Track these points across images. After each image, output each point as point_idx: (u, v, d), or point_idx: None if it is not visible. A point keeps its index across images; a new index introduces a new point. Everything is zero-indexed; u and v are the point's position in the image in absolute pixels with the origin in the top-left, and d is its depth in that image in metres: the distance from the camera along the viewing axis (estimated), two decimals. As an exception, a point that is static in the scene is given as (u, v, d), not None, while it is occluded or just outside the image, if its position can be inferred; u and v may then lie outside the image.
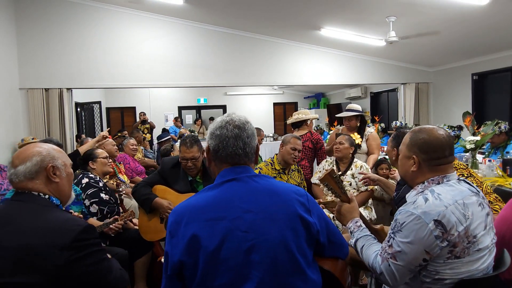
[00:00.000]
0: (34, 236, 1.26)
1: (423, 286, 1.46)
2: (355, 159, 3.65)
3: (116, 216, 2.80)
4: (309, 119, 4.49)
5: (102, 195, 3.07)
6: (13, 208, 1.38)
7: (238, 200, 1.28)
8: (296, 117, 4.48)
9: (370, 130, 4.31)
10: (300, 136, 3.95)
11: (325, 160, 3.87)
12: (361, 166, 3.58)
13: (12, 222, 1.32)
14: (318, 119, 7.33)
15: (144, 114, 10.35)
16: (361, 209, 3.37)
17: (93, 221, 2.88)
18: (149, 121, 10.17)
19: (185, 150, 2.81)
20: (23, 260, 1.23)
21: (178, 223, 1.27)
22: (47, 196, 1.42)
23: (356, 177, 3.52)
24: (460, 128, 6.03)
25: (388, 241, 1.47)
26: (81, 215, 2.62)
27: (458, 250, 1.38)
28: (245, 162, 1.35)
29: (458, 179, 1.53)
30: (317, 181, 3.61)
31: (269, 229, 1.24)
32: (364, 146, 4.22)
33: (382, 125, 7.46)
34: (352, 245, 1.67)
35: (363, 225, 1.69)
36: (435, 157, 1.50)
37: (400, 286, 1.49)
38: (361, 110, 4.34)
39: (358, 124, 4.26)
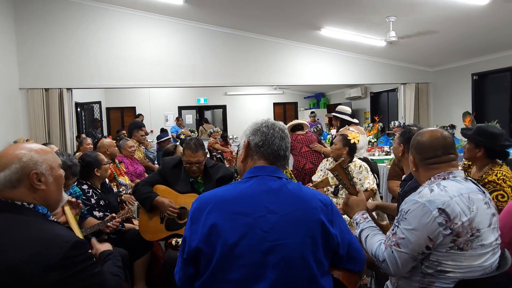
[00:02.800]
0: (18, 253, 1.13)
1: (424, 279, 1.46)
2: (354, 159, 3.66)
3: (113, 214, 2.74)
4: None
5: (96, 213, 2.92)
6: None
7: (264, 199, 1.28)
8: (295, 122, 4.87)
9: (342, 129, 4.34)
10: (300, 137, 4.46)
11: (325, 159, 3.89)
12: (360, 166, 3.58)
13: None
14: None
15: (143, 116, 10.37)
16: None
17: (91, 220, 2.85)
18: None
19: (190, 154, 2.79)
20: (7, 280, 1.12)
21: (201, 210, 1.28)
22: (32, 206, 1.28)
23: (355, 176, 3.53)
24: (452, 127, 6.06)
25: (393, 229, 1.50)
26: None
27: (461, 241, 1.40)
28: (280, 164, 1.39)
29: (466, 178, 1.57)
30: (317, 179, 3.63)
31: (289, 233, 1.24)
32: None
33: (381, 124, 7.47)
34: (356, 236, 1.68)
35: (369, 218, 1.71)
36: (427, 157, 1.57)
37: (402, 274, 1.50)
38: (348, 113, 4.44)
39: (339, 124, 4.42)
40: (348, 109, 4.52)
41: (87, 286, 1.23)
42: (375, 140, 6.65)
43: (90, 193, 3.00)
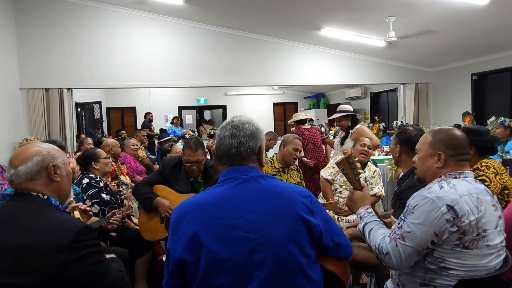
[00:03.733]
0: (31, 237, 1.25)
1: (426, 275, 1.47)
2: (368, 163, 3.62)
3: (115, 211, 2.76)
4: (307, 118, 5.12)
5: (103, 195, 3.04)
6: (11, 208, 1.37)
7: (241, 199, 1.28)
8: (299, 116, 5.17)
9: (357, 126, 4.26)
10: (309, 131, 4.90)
11: (337, 155, 3.87)
12: (374, 171, 3.58)
13: (9, 223, 1.31)
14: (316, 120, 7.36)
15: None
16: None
17: (92, 217, 2.86)
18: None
19: (190, 153, 2.80)
20: (20, 261, 1.22)
21: (180, 220, 1.28)
22: (46, 197, 1.40)
23: (368, 180, 3.53)
24: (458, 126, 6.07)
25: (399, 223, 1.50)
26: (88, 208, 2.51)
27: (467, 239, 1.40)
28: (241, 162, 1.34)
29: (475, 179, 1.58)
30: (329, 177, 3.57)
31: (272, 230, 1.24)
32: (348, 143, 4.23)
33: (383, 124, 7.47)
34: (360, 229, 1.69)
35: (373, 212, 1.71)
36: (460, 153, 1.58)
37: (404, 268, 1.50)
38: (351, 110, 4.40)
39: (349, 123, 4.31)
40: (350, 107, 4.52)
41: (91, 273, 1.30)
42: (375, 140, 6.64)
43: (99, 178, 3.14)
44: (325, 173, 3.64)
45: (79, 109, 8.53)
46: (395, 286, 1.62)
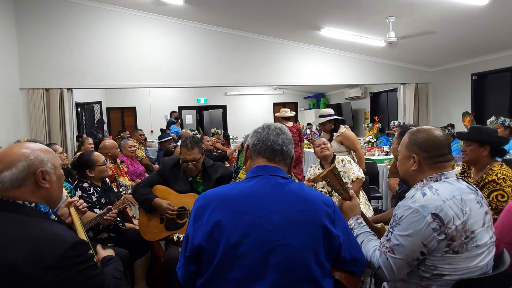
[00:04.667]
0: (17, 253, 1.13)
1: (422, 282, 1.46)
2: (336, 156, 3.69)
3: (109, 206, 2.71)
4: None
5: (97, 210, 2.91)
6: None
7: (267, 198, 1.29)
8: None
9: (341, 130, 4.54)
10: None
11: (309, 167, 3.89)
12: (342, 160, 3.61)
13: None
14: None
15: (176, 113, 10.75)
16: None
17: (88, 214, 2.81)
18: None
19: (186, 152, 2.81)
20: (5, 279, 1.12)
21: (204, 208, 1.29)
22: (33, 205, 1.28)
23: (341, 170, 3.53)
24: (452, 126, 6.10)
25: (387, 236, 1.49)
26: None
27: (456, 244, 1.40)
28: (280, 161, 1.39)
29: (457, 177, 1.55)
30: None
31: (292, 234, 1.24)
32: (334, 145, 4.44)
33: (379, 125, 7.48)
34: None
35: (364, 223, 1.70)
36: (435, 155, 1.53)
37: (398, 280, 1.50)
38: (332, 113, 4.62)
39: (333, 126, 4.56)
40: (331, 110, 4.72)
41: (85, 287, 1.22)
42: (375, 140, 6.66)
43: (91, 191, 3.00)
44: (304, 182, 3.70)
45: (79, 109, 8.54)
46: None
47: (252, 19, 6.57)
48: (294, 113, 6.53)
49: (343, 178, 3.36)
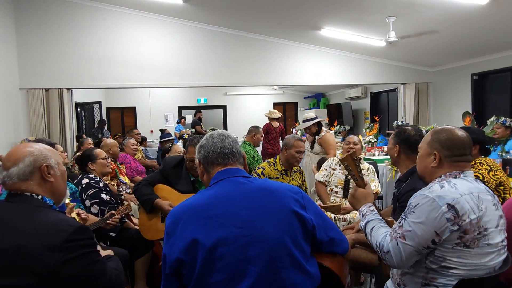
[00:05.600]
0: (26, 237, 1.23)
1: (427, 275, 1.47)
2: (362, 161, 3.66)
3: (113, 211, 2.74)
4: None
5: (103, 195, 3.03)
6: (5, 210, 1.34)
7: (233, 198, 1.31)
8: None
9: (322, 133, 4.80)
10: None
11: (331, 159, 3.89)
12: (368, 168, 3.60)
13: (3, 224, 1.29)
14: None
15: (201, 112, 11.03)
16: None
17: (91, 218, 2.85)
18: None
19: (193, 151, 2.79)
20: (15, 262, 1.20)
21: (175, 224, 1.30)
22: (40, 197, 1.38)
23: (363, 168, 3.59)
24: None
25: (399, 222, 1.50)
26: (83, 212, 2.53)
27: (468, 238, 1.41)
28: (234, 163, 1.43)
29: (476, 179, 1.58)
30: (322, 179, 3.67)
31: (265, 225, 1.27)
32: (317, 147, 4.81)
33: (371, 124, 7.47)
34: (362, 227, 1.69)
35: (376, 210, 1.72)
36: (457, 154, 1.56)
37: (405, 267, 1.51)
38: (314, 116, 4.88)
39: (317, 128, 4.82)
40: (313, 114, 5.01)
41: (87, 273, 1.28)
42: (375, 140, 6.64)
43: (98, 178, 3.14)
44: (319, 175, 3.75)
45: (79, 109, 8.53)
46: (396, 286, 1.62)
47: (252, 19, 6.57)
48: (281, 114, 7.32)
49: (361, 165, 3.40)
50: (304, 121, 4.90)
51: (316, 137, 4.82)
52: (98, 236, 2.93)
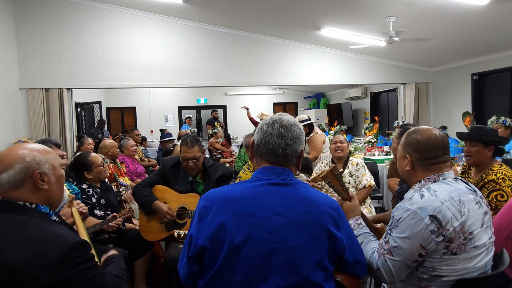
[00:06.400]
0: (18, 253, 1.14)
1: (420, 283, 1.46)
2: (350, 157, 3.67)
3: (115, 214, 2.73)
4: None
5: (96, 212, 2.92)
6: None
7: (271, 200, 1.27)
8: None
9: (311, 134, 4.86)
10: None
11: (320, 162, 3.91)
12: (357, 164, 3.60)
13: None
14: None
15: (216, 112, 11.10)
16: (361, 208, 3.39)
17: (92, 219, 2.84)
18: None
19: (186, 150, 2.81)
20: (7, 280, 1.12)
21: (208, 209, 1.27)
22: (34, 206, 1.28)
23: (354, 174, 3.58)
24: (444, 128, 6.12)
25: (385, 237, 1.48)
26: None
27: (454, 245, 1.39)
28: (284, 164, 1.35)
29: (455, 178, 1.54)
30: (316, 184, 3.63)
31: (295, 237, 1.23)
32: (306, 147, 4.81)
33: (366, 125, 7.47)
34: None
35: (363, 223, 1.70)
36: (428, 157, 1.52)
37: (397, 282, 1.49)
38: (307, 118, 4.96)
39: (308, 130, 4.85)
40: (305, 116, 5.09)
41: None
42: (375, 140, 6.65)
43: (91, 192, 3.00)
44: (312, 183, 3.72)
45: (79, 109, 8.53)
46: None
47: (252, 19, 6.57)
48: (269, 114, 7.77)
49: (343, 179, 3.38)
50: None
51: (306, 138, 4.89)
52: (98, 236, 2.93)
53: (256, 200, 1.27)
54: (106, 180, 3.33)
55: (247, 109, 8.17)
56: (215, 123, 9.58)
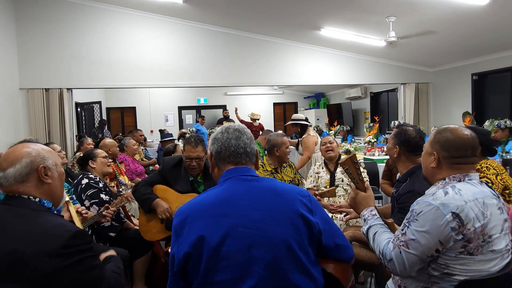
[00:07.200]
0: (22, 242, 1.20)
1: (430, 280, 1.45)
2: (342, 157, 3.69)
3: (107, 204, 2.71)
4: None
5: (102, 195, 3.02)
6: (2, 213, 1.31)
7: (241, 198, 1.31)
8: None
9: (304, 135, 4.96)
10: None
11: (313, 164, 3.92)
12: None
13: (0, 227, 1.26)
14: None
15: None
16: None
17: (88, 213, 2.83)
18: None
19: (190, 149, 2.80)
20: (11, 267, 1.17)
21: (182, 222, 1.30)
22: (37, 200, 1.35)
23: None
24: None
25: (402, 229, 1.47)
26: (83, 209, 2.50)
27: (472, 246, 1.39)
28: (247, 162, 1.42)
29: (481, 181, 1.54)
30: (310, 185, 3.65)
31: (271, 227, 1.26)
32: (300, 148, 5.00)
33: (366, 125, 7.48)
34: (364, 232, 1.68)
35: (378, 215, 1.69)
36: (456, 156, 1.52)
37: (408, 275, 1.49)
38: (303, 118, 5.10)
39: (299, 130, 5.02)
40: (302, 116, 5.19)
41: (85, 279, 1.25)
42: (375, 140, 6.65)
43: (98, 179, 3.13)
44: (307, 184, 3.75)
45: (79, 109, 8.53)
46: (397, 287, 1.62)
47: (252, 19, 6.57)
48: (260, 116, 9.20)
49: (336, 177, 3.38)
50: (292, 119, 5.13)
51: (299, 139, 5.02)
52: (98, 236, 2.93)
53: (227, 201, 1.31)
54: (108, 179, 3.38)
55: (236, 109, 9.68)
56: (224, 122, 9.58)
